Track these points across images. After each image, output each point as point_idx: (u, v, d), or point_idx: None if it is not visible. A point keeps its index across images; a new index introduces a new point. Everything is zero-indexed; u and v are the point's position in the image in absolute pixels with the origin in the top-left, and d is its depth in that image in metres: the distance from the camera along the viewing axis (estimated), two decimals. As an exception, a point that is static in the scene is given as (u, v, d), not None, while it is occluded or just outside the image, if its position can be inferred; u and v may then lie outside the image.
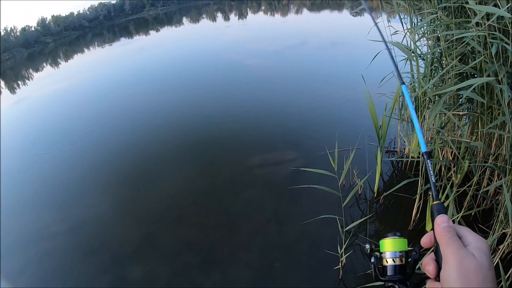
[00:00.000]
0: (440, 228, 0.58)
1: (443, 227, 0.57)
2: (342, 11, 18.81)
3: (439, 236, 0.57)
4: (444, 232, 0.57)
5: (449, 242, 0.55)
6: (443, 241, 0.56)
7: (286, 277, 2.75)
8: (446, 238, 0.55)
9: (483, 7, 1.79)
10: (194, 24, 28.84)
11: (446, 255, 0.54)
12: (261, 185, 3.93)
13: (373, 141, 4.21)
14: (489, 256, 0.53)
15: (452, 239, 0.55)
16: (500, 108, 2.24)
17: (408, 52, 2.97)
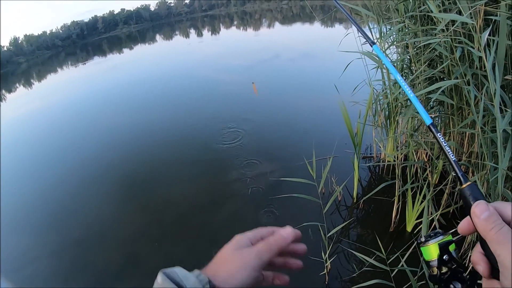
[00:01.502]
0: (481, 221, 0.44)
1: (484, 219, 0.44)
2: (313, 23, 19.21)
3: (483, 232, 0.44)
4: (488, 226, 0.44)
5: (499, 239, 0.42)
6: (490, 238, 0.43)
7: (273, 286, 2.74)
8: (492, 235, 0.43)
9: (446, 14, 1.88)
10: (167, 41, 28.85)
11: (500, 256, 0.42)
12: (242, 198, 3.92)
13: (350, 148, 4.29)
14: None
15: (501, 233, 0.42)
16: (470, 108, 2.34)
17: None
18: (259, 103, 6.91)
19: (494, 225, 0.43)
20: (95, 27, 48.29)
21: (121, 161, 5.39)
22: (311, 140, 4.73)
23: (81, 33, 46.83)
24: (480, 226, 0.44)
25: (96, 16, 57.44)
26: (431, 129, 0.60)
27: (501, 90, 1.65)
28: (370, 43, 0.92)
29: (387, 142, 3.89)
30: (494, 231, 0.43)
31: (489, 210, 0.44)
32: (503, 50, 1.66)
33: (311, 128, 5.42)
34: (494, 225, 0.43)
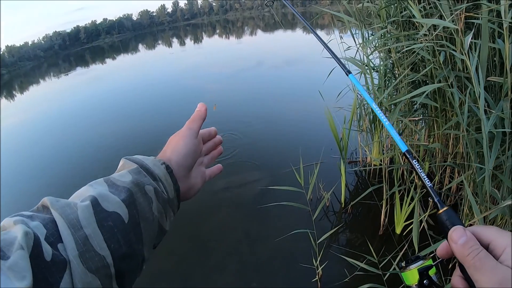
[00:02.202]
0: (458, 246, 0.44)
1: (461, 244, 0.44)
2: (295, 30, 19.39)
3: (461, 257, 0.44)
4: (465, 251, 0.43)
5: (476, 265, 0.42)
6: (467, 264, 0.43)
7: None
8: (469, 260, 0.43)
9: (429, 20, 1.91)
10: (150, 50, 28.74)
11: (478, 282, 0.42)
12: (229, 208, 3.89)
13: (335, 153, 4.32)
14: None
15: (479, 259, 0.42)
16: (453, 110, 2.38)
17: (362, 66, 3.10)
18: (242, 113, 6.91)
19: (471, 251, 0.43)
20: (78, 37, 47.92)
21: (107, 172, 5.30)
22: (296, 147, 4.74)
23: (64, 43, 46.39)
24: (458, 252, 0.44)
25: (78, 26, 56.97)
26: (406, 156, 0.60)
27: (484, 92, 1.67)
28: (346, 72, 0.95)
29: (373, 146, 3.92)
30: (471, 256, 0.43)
31: (466, 235, 0.45)
32: (486, 53, 1.69)
33: (296, 135, 5.43)
34: (471, 250, 0.43)
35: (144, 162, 0.57)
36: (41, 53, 42.47)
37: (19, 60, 40.20)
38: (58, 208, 0.44)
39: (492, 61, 1.91)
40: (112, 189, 0.51)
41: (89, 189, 0.50)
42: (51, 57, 41.81)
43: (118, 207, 0.48)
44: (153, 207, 0.53)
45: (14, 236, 0.37)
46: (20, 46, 42.00)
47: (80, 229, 0.42)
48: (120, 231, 0.46)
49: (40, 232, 0.40)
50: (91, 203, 0.46)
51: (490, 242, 0.44)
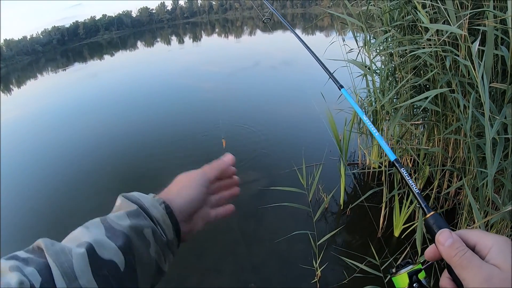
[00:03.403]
0: (445, 248, 0.46)
1: (448, 246, 0.46)
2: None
3: (448, 258, 0.46)
4: (452, 252, 0.45)
5: (462, 264, 0.44)
6: (454, 264, 0.45)
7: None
8: (456, 260, 0.44)
9: (436, 25, 1.93)
10: (149, 47, 28.65)
11: (465, 280, 0.43)
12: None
13: (334, 155, 4.33)
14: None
15: (465, 258, 0.44)
16: (454, 115, 2.39)
17: (365, 69, 3.12)
18: (240, 112, 6.91)
19: (458, 251, 0.45)
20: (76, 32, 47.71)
21: (103, 171, 5.28)
22: (295, 149, 4.75)
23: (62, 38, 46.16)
24: (445, 253, 0.46)
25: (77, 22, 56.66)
26: (395, 165, 0.63)
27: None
28: (338, 87, 0.98)
29: (372, 149, 3.94)
30: (457, 256, 0.44)
31: (453, 237, 0.47)
32: (491, 59, 1.71)
33: (294, 136, 5.43)
34: (458, 251, 0.45)
35: (142, 202, 0.55)
36: (39, 48, 42.23)
37: (17, 54, 39.95)
38: (52, 254, 0.43)
39: (494, 68, 1.93)
40: (109, 233, 0.49)
41: (85, 232, 0.49)
42: (49, 52, 41.57)
43: (114, 255, 0.47)
44: (151, 250, 0.53)
45: (8, 283, 0.37)
46: (19, 40, 41.75)
47: (75, 280, 0.42)
48: (116, 279, 0.46)
49: (35, 280, 0.40)
50: (87, 251, 0.44)
51: (476, 243, 0.45)
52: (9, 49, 39.83)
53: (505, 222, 2.02)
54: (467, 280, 0.43)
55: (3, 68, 33.67)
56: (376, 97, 3.13)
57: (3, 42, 39.91)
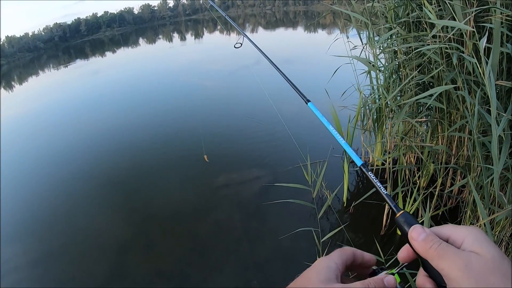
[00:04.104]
0: (419, 243, 0.46)
1: (422, 239, 0.45)
2: (296, 28, 19.34)
3: (424, 252, 0.45)
4: (426, 245, 0.45)
5: (440, 254, 0.43)
6: (430, 256, 0.44)
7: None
8: (432, 252, 0.44)
9: (442, 21, 1.92)
10: (150, 44, 28.63)
11: (445, 270, 0.42)
12: (229, 205, 3.88)
13: (337, 152, 4.33)
14: (491, 243, 0.42)
15: (441, 248, 0.43)
16: (459, 112, 2.39)
17: (369, 65, 3.11)
18: (242, 110, 6.91)
19: (432, 243, 0.44)
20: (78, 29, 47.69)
21: (105, 168, 5.29)
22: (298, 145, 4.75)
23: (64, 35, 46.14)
24: (419, 248, 0.45)
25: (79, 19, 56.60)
26: (362, 169, 0.62)
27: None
28: (305, 101, 0.97)
29: (375, 146, 3.94)
30: (433, 248, 0.44)
31: (425, 231, 0.46)
32: (497, 57, 1.70)
33: (296, 133, 5.42)
34: (432, 243, 0.44)
35: None
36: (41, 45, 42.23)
37: (18, 51, 39.94)
38: None
39: (500, 65, 1.92)
40: None
41: None
42: (51, 48, 41.57)
43: None
44: None
45: None
46: (20, 37, 41.73)
47: None
48: None
49: None
50: None
51: (449, 236, 0.45)
52: (11, 46, 39.83)
53: (510, 220, 2.02)
54: (446, 269, 0.42)
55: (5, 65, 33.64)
56: (380, 94, 3.12)
57: (4, 39, 39.90)
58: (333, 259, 0.51)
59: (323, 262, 0.51)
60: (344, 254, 0.53)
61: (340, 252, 0.54)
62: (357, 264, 0.55)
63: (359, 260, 0.55)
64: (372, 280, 0.49)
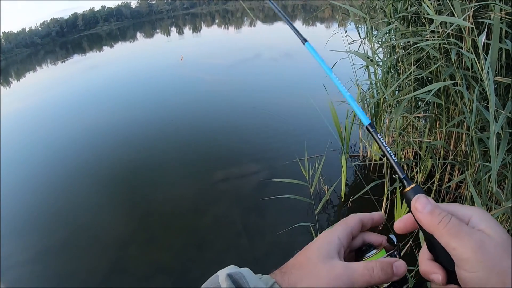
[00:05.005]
0: (425, 215, 0.40)
1: (429, 212, 0.40)
2: (295, 22, 19.26)
3: (431, 227, 0.40)
4: (434, 219, 0.39)
5: (451, 231, 0.38)
6: (439, 233, 0.39)
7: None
8: (442, 228, 0.39)
9: (441, 17, 1.91)
10: (148, 39, 28.52)
11: (457, 249, 0.37)
12: (228, 200, 3.88)
13: (335, 147, 4.33)
14: (498, 223, 0.39)
15: (453, 225, 0.38)
16: (457, 108, 2.39)
17: (367, 60, 3.10)
18: (241, 104, 6.89)
19: (442, 218, 0.39)
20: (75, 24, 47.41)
21: (103, 164, 5.29)
22: (295, 140, 4.75)
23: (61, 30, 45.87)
24: (426, 221, 0.40)
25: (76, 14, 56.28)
26: (369, 129, 0.51)
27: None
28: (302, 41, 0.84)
29: (373, 141, 3.93)
30: (443, 224, 0.39)
31: (431, 203, 0.41)
32: (496, 53, 1.70)
33: (294, 128, 5.41)
34: (441, 217, 0.39)
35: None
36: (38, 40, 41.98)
37: (16, 47, 39.70)
38: None
39: (498, 61, 1.92)
40: None
41: None
42: (48, 44, 41.32)
43: None
44: None
45: None
46: (17, 33, 41.48)
47: None
48: None
49: None
50: None
51: (453, 213, 0.40)
52: (8, 41, 39.57)
53: (506, 216, 2.03)
54: (459, 248, 0.37)
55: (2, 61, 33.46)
56: (378, 89, 3.12)
57: (1, 35, 39.65)
58: (336, 233, 0.49)
59: (325, 237, 0.49)
60: (348, 226, 0.50)
61: (344, 225, 0.51)
62: (368, 228, 0.53)
63: (369, 224, 0.53)
64: (379, 264, 0.45)
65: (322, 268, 0.45)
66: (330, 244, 0.47)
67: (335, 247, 0.47)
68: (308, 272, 0.46)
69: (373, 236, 0.52)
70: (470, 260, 0.36)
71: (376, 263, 0.44)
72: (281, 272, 0.48)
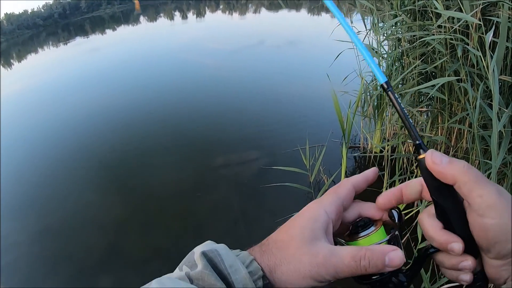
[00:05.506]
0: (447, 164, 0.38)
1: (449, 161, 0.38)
2: (300, 10, 19.07)
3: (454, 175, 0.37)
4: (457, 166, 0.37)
5: (477, 178, 0.37)
6: (465, 179, 0.37)
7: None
8: (466, 174, 0.37)
9: (449, 12, 1.90)
10: (151, 22, 28.25)
11: (483, 195, 0.36)
12: (227, 186, 3.90)
13: (336, 137, 4.32)
14: None
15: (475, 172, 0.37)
16: (460, 104, 2.39)
17: (372, 51, 3.09)
18: (243, 90, 6.86)
19: (463, 165, 0.38)
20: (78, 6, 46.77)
21: (102, 146, 5.27)
22: (296, 128, 4.74)
23: (63, 12, 45.29)
24: (447, 171, 0.38)
25: (80, -5, 55.58)
26: (384, 88, 0.43)
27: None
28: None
29: (374, 133, 3.94)
30: (466, 170, 0.37)
31: (446, 155, 0.39)
32: (502, 52, 1.69)
33: (296, 116, 5.39)
34: (462, 164, 0.38)
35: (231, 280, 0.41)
36: (40, 22, 41.37)
37: (17, 28, 39.20)
38: None
39: (504, 60, 1.91)
40: None
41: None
42: (50, 26, 40.72)
43: None
44: None
45: None
46: (19, 14, 40.90)
47: None
48: None
49: None
50: None
51: None
52: (10, 23, 39.08)
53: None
54: (485, 195, 0.36)
55: (4, 43, 33.14)
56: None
57: (3, 16, 39.13)
58: (323, 206, 0.44)
59: (311, 212, 0.44)
60: (339, 197, 0.46)
61: (334, 195, 0.46)
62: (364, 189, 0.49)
63: (363, 186, 0.50)
64: (369, 254, 0.40)
65: (305, 253, 0.41)
66: (316, 222, 0.42)
67: (322, 225, 0.42)
68: (290, 255, 0.41)
69: (372, 210, 0.48)
70: (496, 205, 0.36)
71: (366, 254, 0.40)
72: (261, 249, 0.44)
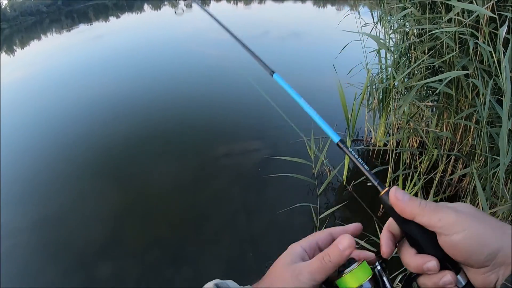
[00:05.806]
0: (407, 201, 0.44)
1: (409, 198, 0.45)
2: (305, 2, 18.90)
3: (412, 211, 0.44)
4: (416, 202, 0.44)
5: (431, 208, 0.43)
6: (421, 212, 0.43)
7: (261, 267, 2.75)
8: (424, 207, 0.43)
9: (462, 4, 1.86)
10: (155, 11, 28.09)
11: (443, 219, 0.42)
12: (228, 176, 3.89)
13: (339, 130, 4.30)
14: None
15: (431, 204, 0.44)
16: (467, 100, 2.36)
17: (380, 42, 3.05)
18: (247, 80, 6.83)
19: (420, 201, 0.44)
20: (82, -7, 46.41)
21: (103, 135, 5.25)
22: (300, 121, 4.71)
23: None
24: (408, 206, 0.44)
25: (84, -18, 55.00)
26: (340, 146, 0.55)
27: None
28: (270, 73, 0.82)
29: (379, 126, 3.91)
30: (423, 205, 0.44)
31: (407, 193, 0.46)
32: (515, 47, 1.66)
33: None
34: (419, 201, 0.44)
35: None
36: (43, 8, 40.98)
37: (20, 15, 38.89)
38: None
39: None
40: None
41: None
42: (54, 12, 40.32)
43: None
44: None
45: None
46: (23, 1, 40.58)
47: None
48: None
49: None
50: None
51: None
52: (13, 9, 38.76)
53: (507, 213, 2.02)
54: (444, 217, 0.42)
55: (7, 29, 32.92)
56: (388, 75, 3.08)
57: (7, 3, 38.81)
58: (300, 243, 0.55)
59: (291, 248, 0.55)
60: (314, 238, 0.55)
61: (310, 237, 0.56)
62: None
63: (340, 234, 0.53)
64: (327, 250, 0.49)
65: (286, 272, 0.50)
66: (293, 254, 0.53)
67: (298, 255, 0.52)
68: (276, 277, 0.51)
69: (357, 252, 0.55)
70: (456, 221, 0.41)
71: (325, 252, 0.49)
72: (258, 283, 0.53)
